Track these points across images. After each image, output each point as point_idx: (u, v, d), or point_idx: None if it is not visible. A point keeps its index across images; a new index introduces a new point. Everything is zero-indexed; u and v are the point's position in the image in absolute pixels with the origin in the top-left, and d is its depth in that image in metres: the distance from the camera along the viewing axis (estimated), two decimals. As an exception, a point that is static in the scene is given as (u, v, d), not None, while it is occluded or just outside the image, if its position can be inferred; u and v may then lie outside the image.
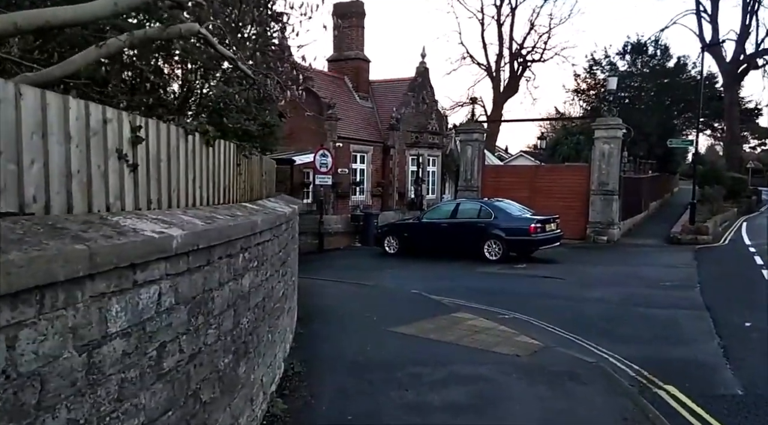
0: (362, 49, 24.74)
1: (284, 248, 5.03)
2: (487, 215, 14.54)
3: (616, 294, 10.11)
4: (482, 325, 7.81)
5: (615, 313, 8.74)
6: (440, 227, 15.13)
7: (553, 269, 13.18)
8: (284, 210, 4.86)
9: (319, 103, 20.32)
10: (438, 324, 7.81)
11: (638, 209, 23.17)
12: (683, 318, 8.35)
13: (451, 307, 9.05)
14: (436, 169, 26.46)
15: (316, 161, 17.47)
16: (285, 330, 5.38)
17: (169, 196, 3.20)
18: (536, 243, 14.12)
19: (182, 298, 2.50)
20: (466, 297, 9.88)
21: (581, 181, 18.87)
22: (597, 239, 18.08)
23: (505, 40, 40.97)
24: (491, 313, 8.73)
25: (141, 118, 2.92)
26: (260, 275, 3.92)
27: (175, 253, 2.32)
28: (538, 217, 14.51)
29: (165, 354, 2.35)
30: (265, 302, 4.13)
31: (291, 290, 5.90)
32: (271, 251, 4.29)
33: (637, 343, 7.10)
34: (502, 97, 40.92)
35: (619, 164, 18.64)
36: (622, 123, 18.52)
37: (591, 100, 32.31)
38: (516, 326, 7.88)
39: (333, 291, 10.27)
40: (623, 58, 31.99)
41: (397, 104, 23.94)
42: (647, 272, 12.54)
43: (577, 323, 8.12)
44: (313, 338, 6.64)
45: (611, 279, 11.82)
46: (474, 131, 20.94)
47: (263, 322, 4.10)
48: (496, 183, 20.30)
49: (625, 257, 15.39)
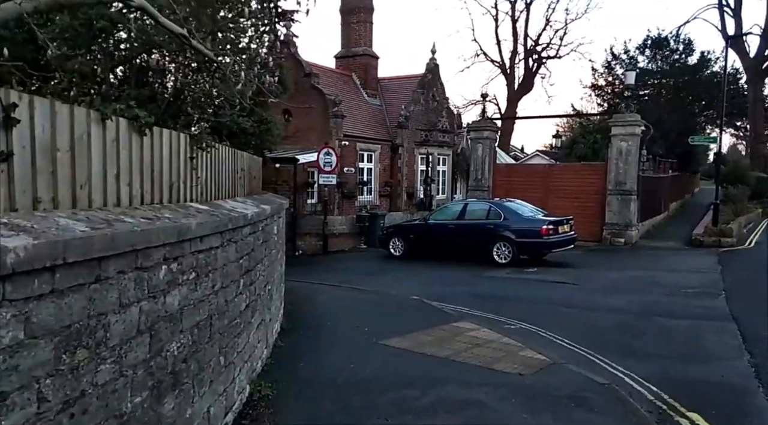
0: (370, 45, 24.09)
1: (248, 255, 4.41)
2: (497, 216, 13.80)
3: (633, 302, 9.34)
4: (485, 337, 7.13)
5: (632, 324, 7.98)
6: (447, 228, 14.43)
7: (565, 273, 12.41)
8: (247, 211, 4.23)
9: (324, 100, 19.74)
10: (436, 335, 7.14)
11: (658, 209, 22.22)
12: (708, 331, 7.57)
13: (453, 316, 8.38)
14: (447, 168, 25.71)
15: (320, 159, 16.89)
16: (253, 348, 4.75)
17: (74, 194, 2.59)
18: (548, 246, 13.35)
19: (42, 330, 1.87)
20: (471, 304, 9.21)
21: (597, 180, 18.02)
22: (614, 242, 17.23)
23: (519, 36, 40.06)
24: (496, 322, 8.05)
25: (22, 94, 2.31)
26: (202, 289, 3.29)
27: (14, 271, 1.69)
28: (550, 218, 13.74)
29: (7, 409, 1.73)
30: (212, 321, 3.50)
31: (264, 301, 5.27)
32: (222, 259, 3.66)
33: (656, 360, 6.36)
34: (517, 94, 39.98)
35: (638, 163, 17.74)
36: (640, 119, 17.63)
37: (608, 96, 31.21)
38: (522, 338, 7.19)
39: (328, 297, 9.65)
40: (643, 52, 30.79)
41: (406, 102, 23.26)
42: (667, 277, 11.71)
43: (590, 335, 7.39)
44: (293, 353, 6.01)
45: (628, 285, 11.03)
46: (485, 129, 20.16)
47: (210, 344, 3.47)
48: (508, 183, 19.52)
49: (644, 261, 14.54)
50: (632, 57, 30.24)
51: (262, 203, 5.36)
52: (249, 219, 4.21)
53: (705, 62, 31.53)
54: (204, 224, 3.19)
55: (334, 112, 19.51)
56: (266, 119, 11.76)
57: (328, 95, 19.70)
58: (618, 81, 30.47)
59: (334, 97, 19.64)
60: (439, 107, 24.99)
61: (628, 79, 18.23)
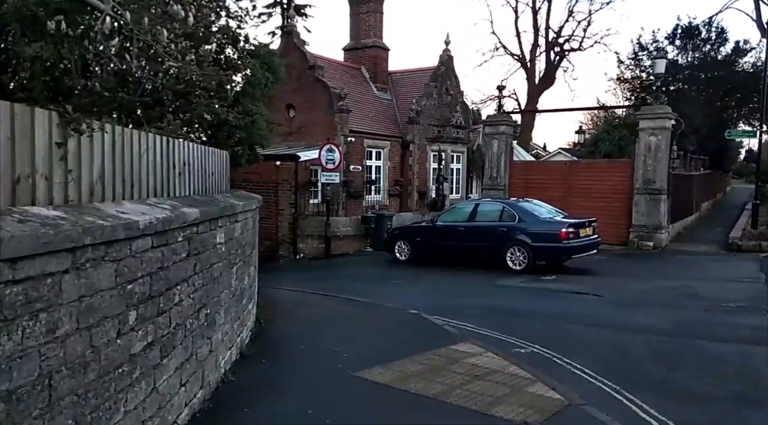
0: (380, 36, 22.87)
1: (150, 276, 3.26)
2: (511, 218, 12.49)
3: (667, 320, 7.99)
4: (488, 365, 5.90)
5: (668, 349, 6.64)
6: (456, 231, 13.16)
7: (588, 282, 11.07)
8: (139, 218, 3.08)
9: (328, 93, 18.61)
10: (428, 363, 5.93)
11: (689, 210, 20.62)
12: (761, 359, 6.21)
13: (453, 335, 7.17)
14: (461, 166, 24.35)
15: (322, 156, 15.75)
16: (165, 398, 3.60)
17: None
18: (568, 251, 12.00)
19: None
20: (477, 320, 8.00)
21: (623, 178, 16.54)
22: (641, 245, 15.74)
23: (540, 28, 38.27)
24: (504, 344, 6.82)
25: None
26: (29, 337, 2.15)
27: None
28: (570, 220, 12.38)
29: None
30: (53, 383, 2.36)
31: (197, 331, 4.13)
32: (74, 289, 2.52)
33: (702, 402, 5.06)
34: (537, 89, 38.28)
35: (668, 159, 16.22)
36: (671, 112, 16.10)
37: (635, 89, 29.39)
38: (533, 366, 5.95)
39: (313, 310, 8.49)
40: (672, 42, 28.78)
41: (418, 96, 22.00)
42: (704, 288, 10.28)
43: (617, 363, 6.12)
44: (242, 392, 4.84)
45: (660, 298, 9.65)
46: (501, 123, 18.76)
47: (77, 406, 2.32)
48: (526, 182, 18.13)
49: (676, 268, 13.09)
50: (660, 48, 28.41)
51: (199, 205, 4.21)
52: (143, 229, 3.05)
53: (739, 53, 29.52)
54: (23, 238, 2.04)
55: (339, 106, 18.36)
56: (251, 110, 10.63)
57: (333, 88, 18.57)
58: (645, 73, 28.70)
59: (339, 90, 18.49)
60: (453, 101, 23.65)
61: (657, 67, 16.67)
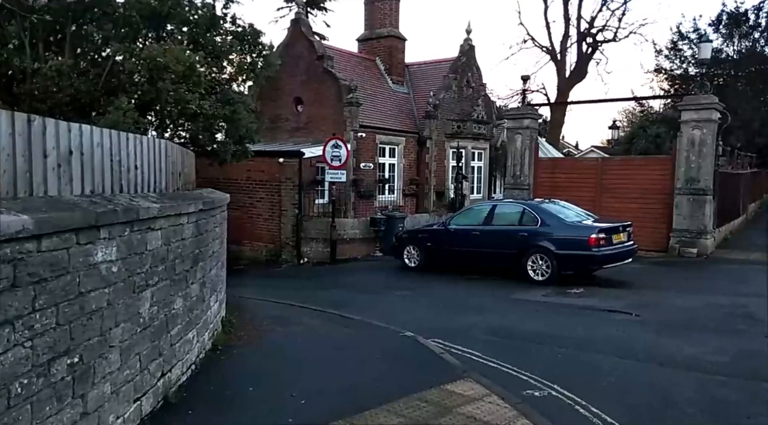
0: (397, 25, 21.44)
1: None
2: (532, 221, 10.96)
3: (722, 351, 6.41)
4: (489, 418, 4.50)
5: (730, 399, 5.09)
6: (471, 235, 11.68)
7: (622, 297, 9.49)
8: None
9: (337, 86, 17.31)
10: (409, 414, 4.55)
11: (735, 212, 18.64)
12: None
13: (452, 368, 5.78)
14: (483, 164, 22.75)
15: (327, 153, 14.46)
16: None
17: None
18: (598, 260, 10.38)
19: None
20: (485, 346, 6.61)
21: (662, 177, 14.78)
22: (683, 252, 13.97)
23: (571, 18, 36.02)
24: (515, 382, 5.43)
25: None
26: None
27: None
28: (601, 224, 10.78)
29: None
30: None
31: (49, 390, 2.83)
32: None
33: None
34: (568, 83, 36.16)
35: (714, 156, 14.40)
36: (718, 102, 14.28)
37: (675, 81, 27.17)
38: (550, 418, 4.53)
39: (290, 331, 7.16)
40: (717, 30, 26.46)
41: (436, 89, 20.52)
42: (761, 306, 8.59)
43: (659, 417, 4.63)
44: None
45: (711, 318, 8.03)
46: (525, 116, 17.13)
47: None
48: (552, 180, 16.48)
49: (725, 280, 11.35)
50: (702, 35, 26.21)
51: (55, 210, 2.91)
52: None
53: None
54: None
55: (349, 99, 17.03)
56: (232, 99, 9.36)
57: (342, 80, 17.25)
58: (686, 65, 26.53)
59: (349, 82, 17.16)
60: (475, 95, 22.08)
61: (702, 51, 14.84)
